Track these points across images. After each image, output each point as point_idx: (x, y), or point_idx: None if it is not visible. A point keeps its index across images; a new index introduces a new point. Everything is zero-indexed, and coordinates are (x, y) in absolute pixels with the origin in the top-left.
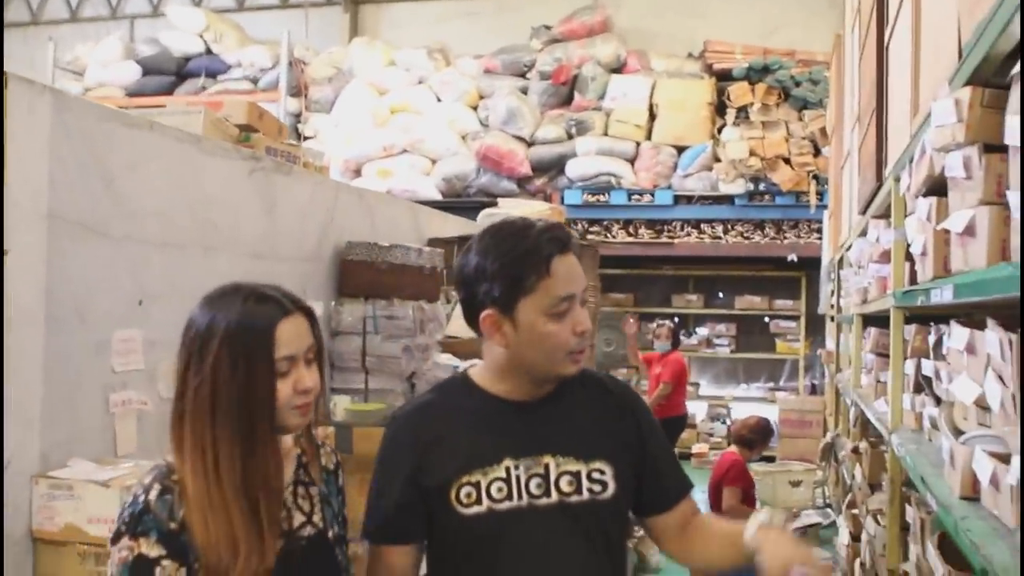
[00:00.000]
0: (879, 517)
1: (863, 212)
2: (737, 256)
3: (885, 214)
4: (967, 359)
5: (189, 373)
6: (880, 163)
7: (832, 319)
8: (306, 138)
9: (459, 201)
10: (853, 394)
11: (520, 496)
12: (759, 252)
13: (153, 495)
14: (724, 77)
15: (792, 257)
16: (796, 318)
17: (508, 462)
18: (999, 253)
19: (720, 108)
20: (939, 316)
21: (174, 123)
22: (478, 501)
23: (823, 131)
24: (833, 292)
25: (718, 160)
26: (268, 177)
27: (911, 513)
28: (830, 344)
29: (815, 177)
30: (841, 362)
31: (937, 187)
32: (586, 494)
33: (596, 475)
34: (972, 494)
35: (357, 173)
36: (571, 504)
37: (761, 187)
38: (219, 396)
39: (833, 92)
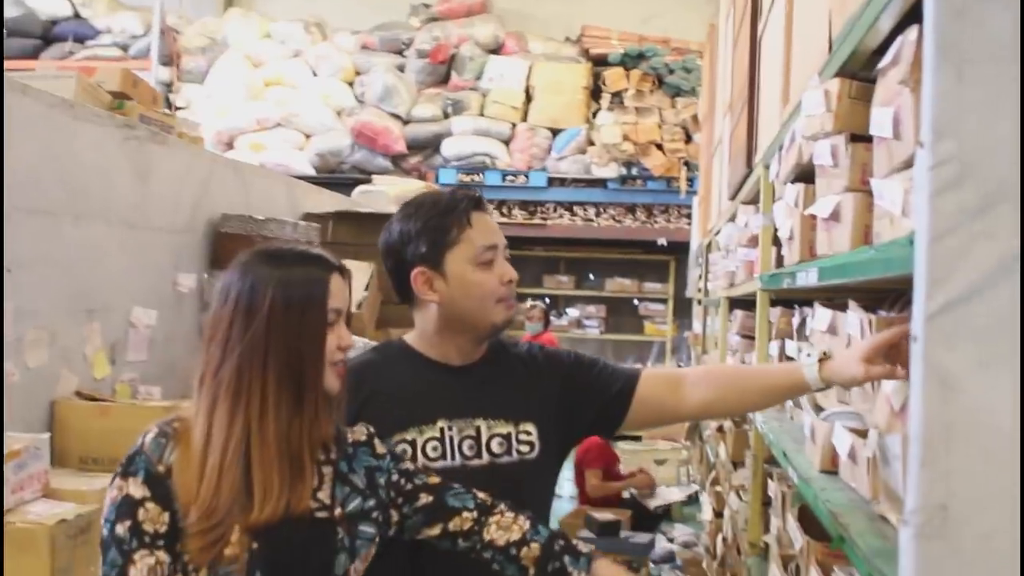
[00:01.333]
0: (742, 493)
1: (732, 198)
2: (608, 239)
3: (754, 200)
4: (829, 339)
5: (233, 327)
6: (751, 150)
7: (699, 302)
8: (178, 108)
9: (333, 177)
10: None
11: (453, 456)
12: (630, 235)
13: (149, 437)
14: (600, 62)
15: (662, 241)
16: (664, 301)
17: (442, 423)
18: (862, 237)
19: (595, 93)
20: (803, 299)
21: (45, 88)
22: (412, 459)
23: (695, 118)
24: (701, 276)
25: (592, 144)
26: (142, 146)
27: (773, 488)
28: (697, 327)
29: (686, 163)
30: (707, 344)
31: (805, 174)
32: (515, 455)
33: (524, 436)
34: (831, 468)
35: (229, 146)
36: (501, 465)
37: (633, 172)
38: (273, 338)
39: (706, 81)
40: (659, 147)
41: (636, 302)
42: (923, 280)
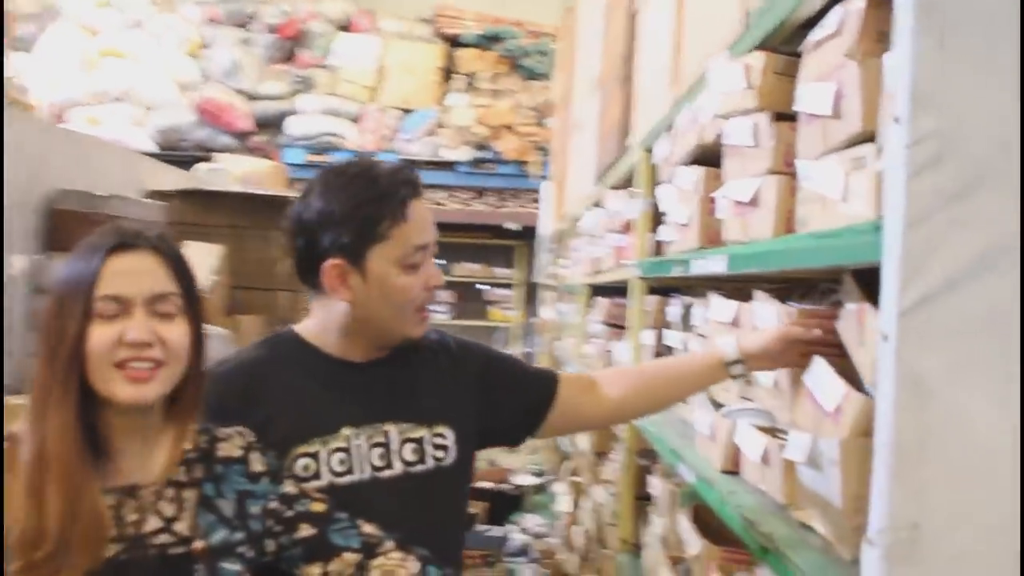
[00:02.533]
0: (608, 486)
1: (599, 181)
2: (457, 223)
3: (626, 184)
4: (728, 331)
5: (49, 320)
6: (625, 132)
7: (550, 289)
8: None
9: (175, 155)
10: (576, 364)
11: (362, 469)
12: (480, 219)
13: None
14: (454, 43)
15: (512, 226)
16: (512, 287)
17: (347, 430)
18: (784, 224)
19: (448, 74)
20: (674, 288)
21: None
22: (316, 475)
23: (549, 103)
24: (551, 262)
25: (443, 126)
26: None
27: (657, 485)
28: (546, 313)
29: (539, 148)
30: (561, 332)
31: (707, 156)
32: (430, 462)
33: (439, 440)
34: (732, 468)
35: (61, 119)
36: (415, 474)
37: (486, 155)
38: (45, 342)
39: (561, 64)
40: (512, 131)
41: (484, 287)
42: (896, 272)
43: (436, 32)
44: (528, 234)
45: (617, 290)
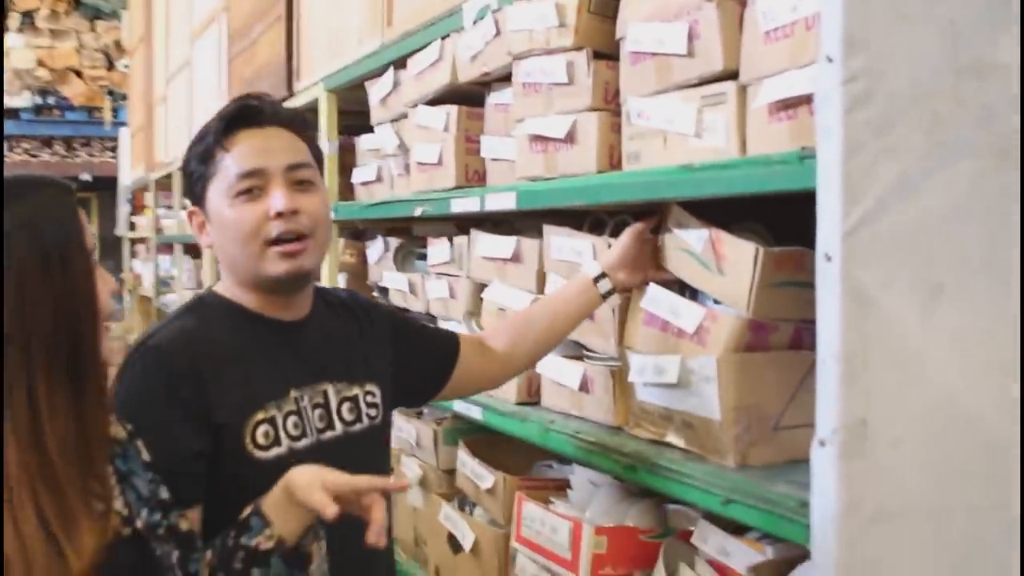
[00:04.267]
0: None
1: None
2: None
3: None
4: (511, 267)
5: None
6: (288, 74)
7: (140, 241)
8: None
9: None
10: None
11: (311, 431)
12: (50, 171)
13: None
14: None
15: (86, 177)
16: None
17: (293, 392)
18: (607, 159)
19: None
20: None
21: None
22: (276, 441)
23: (119, 44)
24: (132, 212)
25: None
26: None
27: (405, 426)
28: (138, 267)
29: (110, 92)
30: (162, 286)
31: (454, 96)
32: (365, 420)
33: (370, 398)
34: (530, 399)
35: None
36: (354, 434)
37: (50, 101)
38: (30, 306)
39: (136, 2)
40: (79, 74)
41: None
42: (837, 197)
43: None
44: (102, 184)
45: None
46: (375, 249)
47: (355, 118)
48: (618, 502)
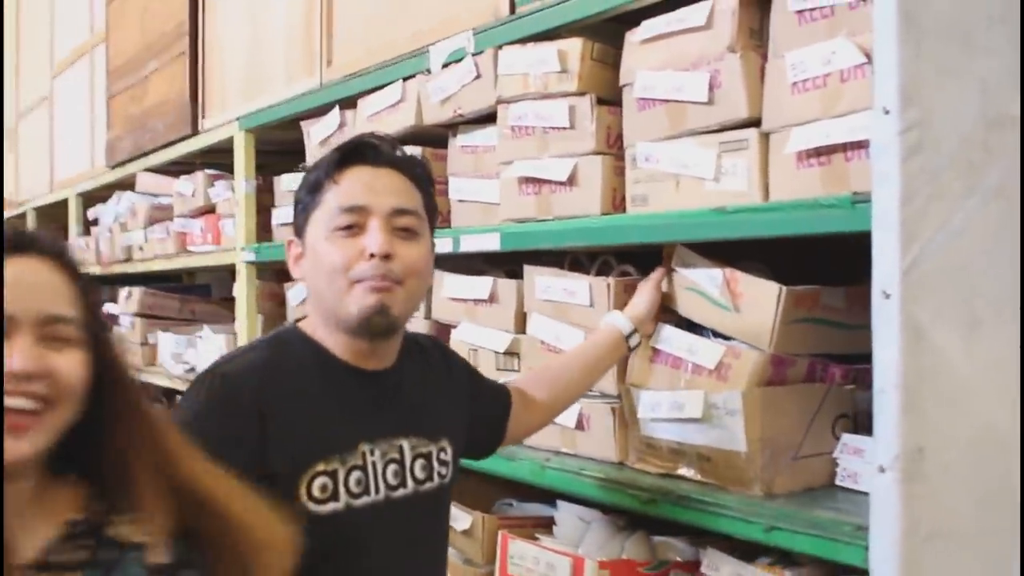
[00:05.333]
0: None
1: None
2: None
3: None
4: (483, 308)
5: None
6: (196, 111)
7: None
8: None
9: None
10: None
11: (377, 489)
12: None
13: None
14: None
15: None
16: None
17: (364, 446)
18: (610, 201)
19: None
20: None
21: None
22: (334, 496)
23: None
24: None
25: None
26: None
27: None
28: None
29: None
30: None
31: (418, 137)
32: (436, 479)
33: (443, 456)
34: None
35: None
36: (423, 492)
37: None
38: None
39: None
40: None
41: None
42: (895, 239)
43: None
44: None
45: (146, 278)
46: (296, 291)
47: (266, 157)
48: (611, 536)
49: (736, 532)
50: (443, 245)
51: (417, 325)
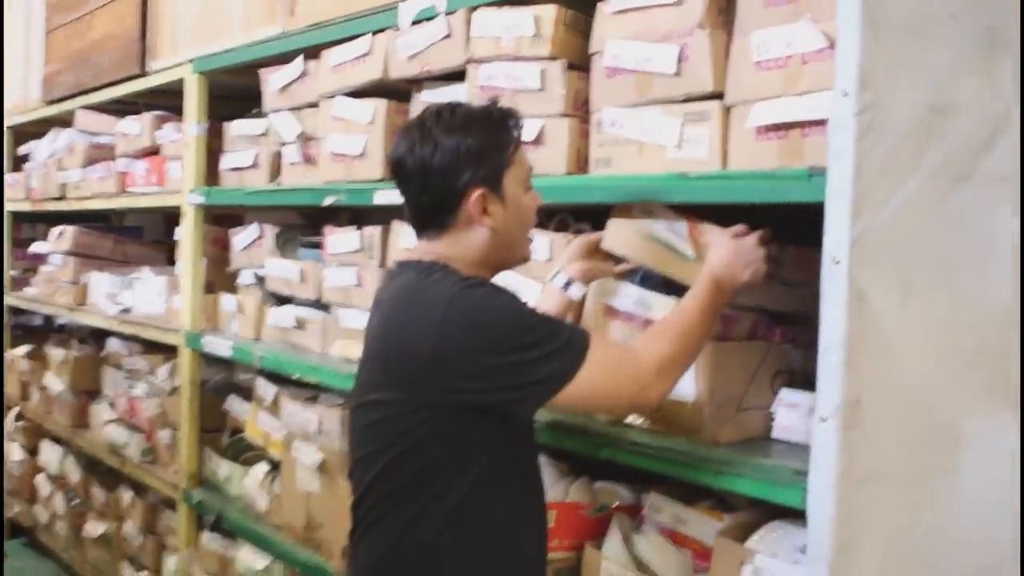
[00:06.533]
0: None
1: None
2: None
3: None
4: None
5: None
6: (144, 51)
7: None
8: None
9: None
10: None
11: None
12: None
13: None
14: None
15: None
16: None
17: None
18: (575, 162)
19: None
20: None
21: None
22: None
23: None
24: None
25: None
26: None
27: (265, 421)
28: None
29: None
30: None
31: (379, 90)
32: None
33: None
34: None
35: None
36: None
37: None
38: None
39: None
40: None
41: None
42: (847, 211)
43: None
44: None
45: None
46: (246, 235)
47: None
48: (556, 480)
49: (687, 476)
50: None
51: (372, 272)
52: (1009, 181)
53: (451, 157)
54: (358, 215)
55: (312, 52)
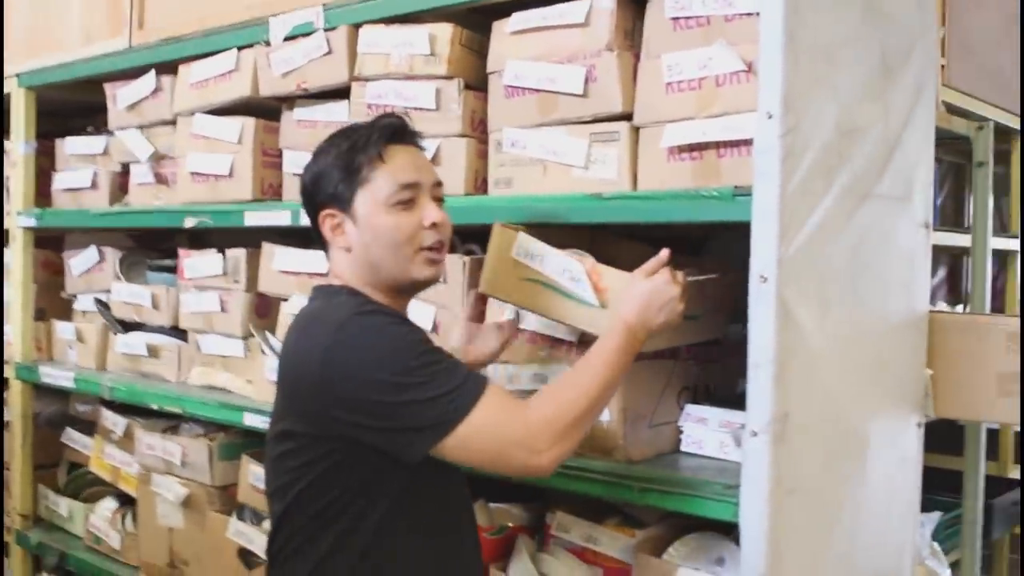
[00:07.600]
0: None
1: None
2: None
3: None
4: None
5: None
6: None
7: None
8: None
9: None
10: None
11: None
12: None
13: None
14: None
15: None
16: None
17: None
18: (473, 183)
19: None
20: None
21: None
22: None
23: None
24: None
25: None
26: None
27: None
28: None
29: None
30: None
31: (244, 108)
32: None
33: None
34: None
35: None
36: None
37: None
38: None
39: None
40: None
41: None
42: (775, 229)
43: None
44: None
45: None
46: (84, 259)
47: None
48: None
49: (608, 495)
50: (282, 218)
51: (237, 297)
52: (902, 200)
53: (309, 178)
54: (197, 236)
55: (169, 68)
